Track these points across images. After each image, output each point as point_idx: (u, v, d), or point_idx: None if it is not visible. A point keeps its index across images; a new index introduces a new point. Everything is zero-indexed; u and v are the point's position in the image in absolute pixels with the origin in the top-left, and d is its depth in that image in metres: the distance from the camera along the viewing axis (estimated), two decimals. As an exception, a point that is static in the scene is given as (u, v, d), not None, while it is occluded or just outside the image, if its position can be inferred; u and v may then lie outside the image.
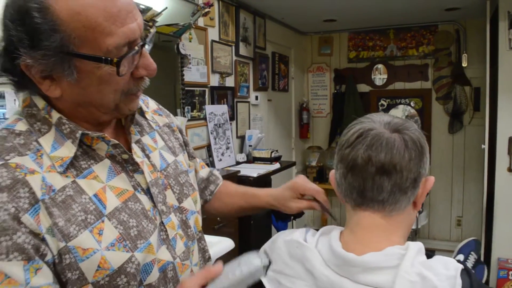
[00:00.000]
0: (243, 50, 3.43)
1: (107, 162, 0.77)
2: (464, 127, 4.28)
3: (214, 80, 3.06)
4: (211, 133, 2.94)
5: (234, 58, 3.33)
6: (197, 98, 2.83)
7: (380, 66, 4.59)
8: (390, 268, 0.70)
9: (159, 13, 2.12)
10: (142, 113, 0.90)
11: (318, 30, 4.70)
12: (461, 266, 0.71)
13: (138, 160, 0.82)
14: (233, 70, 3.31)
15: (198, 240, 0.95)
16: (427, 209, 4.39)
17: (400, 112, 4.49)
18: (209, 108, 2.94)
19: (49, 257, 0.66)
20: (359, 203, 0.76)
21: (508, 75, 3.05)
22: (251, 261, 0.78)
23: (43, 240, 0.65)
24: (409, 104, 4.47)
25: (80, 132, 0.72)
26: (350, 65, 4.75)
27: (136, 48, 0.70)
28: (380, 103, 4.60)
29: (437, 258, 0.75)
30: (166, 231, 0.83)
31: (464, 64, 4.13)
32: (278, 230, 3.35)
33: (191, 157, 1.08)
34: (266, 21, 3.84)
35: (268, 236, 3.33)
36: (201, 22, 2.83)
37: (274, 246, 0.86)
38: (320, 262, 0.75)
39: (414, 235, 3.92)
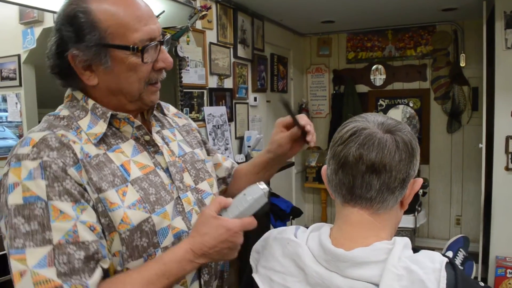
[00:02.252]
0: (241, 52, 3.45)
1: (132, 142, 0.93)
2: (462, 126, 4.30)
3: (213, 82, 3.09)
4: (210, 134, 2.97)
5: (233, 60, 3.36)
6: (195, 99, 2.85)
7: (379, 66, 4.61)
8: (378, 263, 0.72)
9: (157, 16, 2.14)
10: (163, 112, 1.09)
11: (316, 31, 4.72)
12: (446, 259, 0.74)
13: (158, 144, 0.97)
14: (231, 72, 3.33)
15: None
16: (426, 208, 4.41)
17: (399, 112, 4.50)
18: (207, 110, 2.97)
19: (91, 203, 0.82)
20: (348, 199, 0.79)
21: (504, 74, 3.06)
22: (254, 190, 0.87)
23: (85, 189, 0.81)
24: (407, 104, 4.48)
25: (110, 112, 0.89)
26: (349, 66, 4.77)
27: (153, 43, 0.87)
28: (378, 103, 4.62)
29: (423, 252, 0.77)
30: (182, 204, 0.96)
31: (462, 64, 4.15)
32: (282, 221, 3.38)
33: (211, 152, 1.22)
34: (264, 23, 3.87)
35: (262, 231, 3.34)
36: (199, 25, 2.86)
37: (265, 244, 0.88)
38: (311, 259, 0.77)
39: (413, 234, 3.93)
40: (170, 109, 1.17)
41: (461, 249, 2.60)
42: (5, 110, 2.99)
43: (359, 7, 3.59)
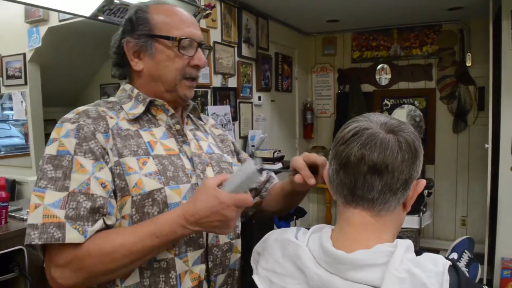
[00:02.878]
0: (245, 51, 3.45)
1: (163, 128, 1.06)
2: (468, 126, 4.27)
3: (217, 81, 3.09)
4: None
5: (237, 59, 3.35)
6: (199, 99, 2.85)
7: (385, 66, 4.59)
8: (379, 265, 0.71)
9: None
10: (200, 118, 1.21)
11: (321, 31, 4.71)
12: (449, 263, 0.73)
13: (188, 136, 1.09)
14: (235, 71, 3.33)
15: None
16: (431, 209, 4.38)
17: (405, 112, 4.48)
18: (211, 109, 2.97)
19: (110, 165, 0.93)
20: (350, 200, 0.78)
21: (511, 74, 3.04)
22: (248, 166, 0.89)
23: (107, 153, 0.93)
24: (413, 104, 4.46)
25: (149, 98, 1.04)
26: (354, 65, 4.75)
27: (191, 42, 1.03)
28: (384, 103, 4.60)
29: (425, 255, 0.76)
30: None
31: (468, 64, 4.12)
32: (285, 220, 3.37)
33: (242, 162, 1.28)
34: (269, 22, 3.86)
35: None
36: (203, 23, 2.86)
37: (265, 245, 0.87)
38: (311, 261, 0.76)
39: (417, 235, 3.91)
40: (209, 121, 1.29)
41: (466, 251, 2.57)
42: (11, 109, 3.01)
43: (364, 6, 3.57)
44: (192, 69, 1.05)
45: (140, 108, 1.04)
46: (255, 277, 0.84)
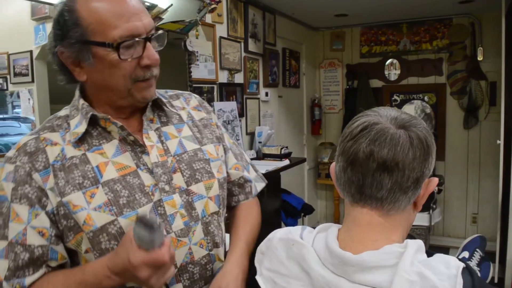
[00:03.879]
0: (252, 46, 3.41)
1: (115, 142, 0.94)
2: (479, 122, 4.19)
3: (223, 77, 3.06)
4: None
5: (243, 54, 3.31)
6: (205, 95, 2.82)
7: (394, 61, 4.52)
8: (388, 267, 0.68)
9: (165, 10, 2.11)
10: (175, 108, 1.08)
11: (329, 25, 4.65)
12: (462, 265, 0.69)
13: (148, 143, 0.96)
14: (242, 67, 3.29)
15: (205, 223, 1.01)
16: (441, 206, 4.32)
17: (413, 108, 4.41)
18: (218, 105, 2.94)
19: (49, 207, 0.87)
20: (357, 199, 0.74)
21: (524, 68, 2.97)
22: (138, 229, 0.78)
23: (46, 194, 0.87)
24: (423, 99, 4.39)
25: (91, 113, 0.92)
26: (363, 60, 4.69)
27: (137, 39, 0.87)
28: (393, 98, 4.53)
29: (438, 256, 0.72)
30: (164, 207, 0.94)
31: (480, 58, 4.04)
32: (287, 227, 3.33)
33: (224, 151, 1.17)
34: (276, 17, 3.81)
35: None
36: (209, 18, 2.83)
37: (269, 245, 0.84)
38: (317, 262, 0.73)
39: (427, 232, 3.86)
40: (191, 102, 1.15)
41: (477, 249, 2.52)
42: (19, 107, 3.01)
43: (373, 0, 3.51)
44: (144, 70, 0.91)
45: (83, 126, 0.92)
46: (258, 278, 0.81)
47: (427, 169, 0.72)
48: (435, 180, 0.75)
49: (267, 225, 1.13)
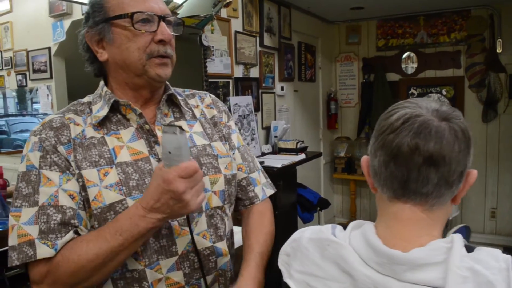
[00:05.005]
0: (267, 41, 3.40)
1: (132, 129, 1.00)
2: (498, 115, 4.13)
3: (238, 71, 3.06)
4: (236, 124, 2.95)
5: (259, 48, 3.31)
6: (221, 89, 2.83)
7: (411, 54, 4.47)
8: (438, 264, 0.66)
9: (180, 5, 2.13)
10: (189, 105, 1.14)
11: (345, 19, 4.62)
12: (510, 257, 0.67)
13: (159, 134, 1.00)
14: (257, 61, 3.29)
15: (209, 216, 1.05)
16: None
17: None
18: (233, 100, 2.95)
19: (75, 176, 0.92)
20: (400, 194, 0.71)
21: (545, 60, 2.91)
22: (170, 141, 0.83)
23: (70, 165, 0.93)
24: (440, 93, 4.33)
25: (113, 99, 0.98)
26: (379, 54, 4.65)
27: (151, 13, 0.95)
28: (410, 92, 4.48)
29: (482, 250, 0.70)
30: None
31: (499, 50, 3.97)
32: (303, 221, 3.33)
33: (231, 149, 1.18)
34: (291, 11, 3.80)
35: (293, 227, 3.32)
36: (223, 13, 2.83)
37: (298, 245, 0.81)
38: (359, 261, 0.70)
39: (445, 227, 3.82)
40: (205, 100, 1.20)
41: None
42: (37, 102, 3.07)
43: (389, -8, 3.48)
44: (158, 45, 0.97)
45: (105, 110, 0.98)
46: (289, 281, 0.78)
47: (469, 162, 0.70)
48: (475, 172, 0.72)
49: (283, 219, 1.13)
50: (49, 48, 2.82)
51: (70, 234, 0.89)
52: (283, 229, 2.90)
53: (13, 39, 2.83)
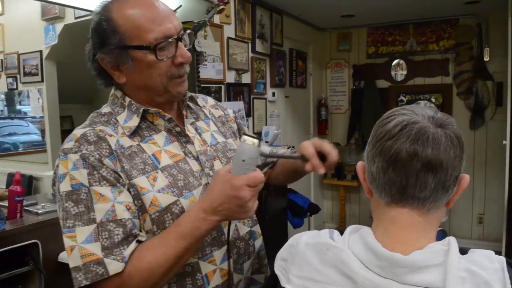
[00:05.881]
0: (259, 47, 3.43)
1: (164, 133, 1.03)
2: (486, 122, 4.19)
3: (230, 77, 3.08)
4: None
5: (251, 54, 3.34)
6: (213, 94, 2.85)
7: (400, 61, 4.53)
8: (437, 266, 0.68)
9: (174, 11, 2.14)
10: (198, 105, 1.17)
11: (336, 26, 4.67)
12: (504, 258, 0.70)
13: (189, 134, 1.05)
14: (249, 67, 3.32)
15: None
16: (448, 206, 4.32)
17: (420, 108, 4.41)
18: (225, 105, 2.95)
19: (126, 187, 0.93)
20: (398, 199, 0.73)
21: (531, 69, 2.97)
22: (250, 149, 0.87)
23: (119, 175, 0.92)
24: (429, 100, 4.40)
25: (142, 108, 1.00)
26: (369, 61, 4.70)
27: (170, 40, 0.94)
28: (399, 99, 4.54)
29: (477, 251, 0.72)
30: None
31: (486, 58, 4.04)
32: (294, 226, 3.35)
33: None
34: (283, 18, 3.84)
35: (284, 232, 3.34)
36: (216, 19, 2.86)
37: (295, 251, 0.81)
38: (359, 265, 0.71)
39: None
40: (209, 101, 1.25)
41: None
42: (28, 105, 3.05)
43: (379, 0, 3.53)
44: (178, 68, 0.99)
45: (135, 120, 1.00)
46: (287, 286, 0.78)
47: (462, 166, 0.73)
48: (467, 176, 0.74)
49: (273, 224, 1.17)
50: (40, 52, 2.81)
51: (134, 244, 0.90)
52: (274, 233, 2.92)
53: (4, 41, 2.82)
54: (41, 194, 2.36)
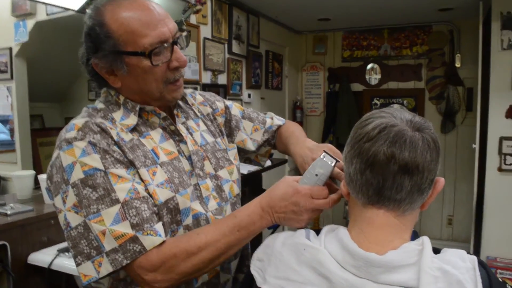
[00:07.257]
0: (236, 48, 3.43)
1: (159, 130, 1.03)
2: (456, 127, 4.30)
3: (206, 78, 3.07)
4: (203, 130, 2.94)
5: (227, 55, 3.33)
6: (188, 95, 2.82)
7: (375, 66, 4.60)
8: (411, 265, 0.69)
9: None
10: (188, 104, 1.16)
11: (312, 29, 4.71)
12: (475, 258, 0.72)
13: (182, 134, 1.05)
14: (225, 68, 3.31)
15: (232, 203, 1.14)
16: (419, 208, 4.41)
17: (393, 111, 4.49)
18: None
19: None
20: (374, 201, 0.74)
21: (499, 75, 3.06)
22: (322, 165, 0.91)
23: (130, 161, 0.92)
24: (402, 104, 4.48)
25: (138, 106, 0.99)
26: (344, 64, 4.76)
27: (166, 45, 0.93)
28: (373, 102, 4.61)
29: (449, 251, 0.74)
30: (200, 190, 1.05)
31: (458, 65, 4.15)
32: (268, 227, 3.35)
33: (236, 129, 1.27)
34: (260, 20, 3.84)
35: (259, 236, 3.33)
36: (193, 19, 2.83)
37: (271, 251, 0.81)
38: (335, 265, 0.72)
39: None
40: (197, 98, 1.22)
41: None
42: (-4, 103, 2.96)
43: (355, 5, 3.58)
44: (174, 72, 0.97)
45: (133, 119, 0.99)
46: (264, 287, 0.78)
47: (438, 169, 0.74)
48: (442, 180, 0.76)
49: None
50: (10, 48, 2.73)
51: (160, 221, 0.91)
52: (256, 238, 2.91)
53: (-28, 37, 2.73)
54: (9, 194, 2.28)
